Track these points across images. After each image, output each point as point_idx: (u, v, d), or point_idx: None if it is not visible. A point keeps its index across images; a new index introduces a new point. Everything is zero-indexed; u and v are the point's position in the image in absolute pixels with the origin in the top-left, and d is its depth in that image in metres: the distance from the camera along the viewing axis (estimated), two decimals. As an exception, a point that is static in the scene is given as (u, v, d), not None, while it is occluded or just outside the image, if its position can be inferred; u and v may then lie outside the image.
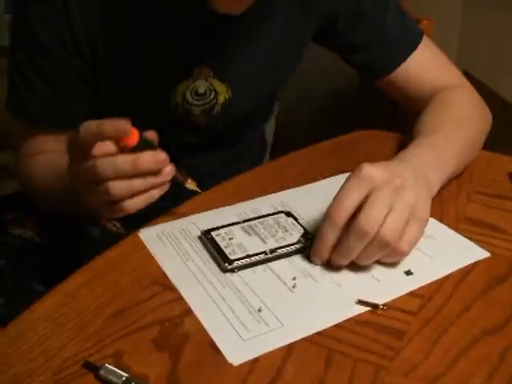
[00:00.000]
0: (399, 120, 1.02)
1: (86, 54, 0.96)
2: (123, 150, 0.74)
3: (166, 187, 0.78)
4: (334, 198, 0.74)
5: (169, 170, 0.76)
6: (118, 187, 0.74)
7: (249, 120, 1.15)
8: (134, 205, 0.77)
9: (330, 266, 0.76)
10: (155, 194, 0.77)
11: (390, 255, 0.74)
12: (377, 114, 1.15)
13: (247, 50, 1.03)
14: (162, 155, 0.75)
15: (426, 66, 1.11)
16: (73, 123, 1.01)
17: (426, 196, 0.78)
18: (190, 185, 0.83)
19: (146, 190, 0.76)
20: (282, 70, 1.14)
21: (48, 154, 1.02)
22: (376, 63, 1.11)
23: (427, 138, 0.93)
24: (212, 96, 1.04)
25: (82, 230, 1.15)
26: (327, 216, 0.74)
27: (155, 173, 0.75)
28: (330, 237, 0.74)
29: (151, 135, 0.78)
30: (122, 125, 0.73)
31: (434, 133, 0.94)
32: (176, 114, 1.03)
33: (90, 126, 0.73)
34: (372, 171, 0.74)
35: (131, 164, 0.73)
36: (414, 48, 1.10)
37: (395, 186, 0.73)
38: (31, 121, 1.03)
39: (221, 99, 1.04)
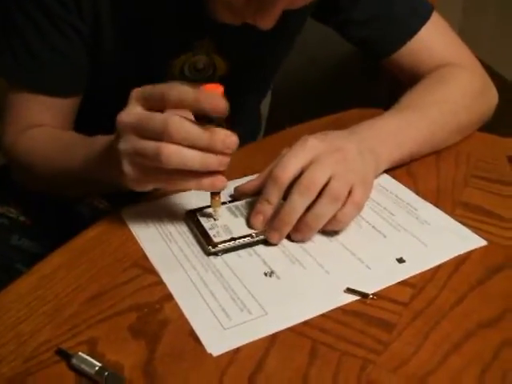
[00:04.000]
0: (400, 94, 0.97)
1: (87, 20, 0.91)
2: None
3: (221, 184, 0.71)
4: (278, 163, 0.74)
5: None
6: (172, 151, 0.66)
7: (244, 99, 1.11)
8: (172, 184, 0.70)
9: (318, 251, 0.73)
10: (206, 183, 0.70)
11: (344, 211, 0.73)
12: (377, 89, 1.10)
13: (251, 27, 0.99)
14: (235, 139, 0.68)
15: (433, 44, 1.04)
16: (72, 91, 0.98)
17: (369, 168, 0.79)
18: (215, 202, 0.76)
19: (196, 175, 0.69)
20: (281, 48, 1.10)
21: (47, 128, 0.96)
22: (379, 40, 1.04)
23: (397, 113, 0.91)
24: (210, 72, 1.00)
25: (69, 207, 1.12)
26: (272, 178, 0.74)
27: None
28: (274, 196, 0.74)
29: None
30: (222, 105, 0.66)
31: (408, 109, 0.91)
32: None
33: (185, 91, 0.66)
34: (316, 142, 0.75)
35: (208, 138, 0.67)
36: (422, 25, 1.02)
37: (337, 158, 0.74)
38: (27, 84, 0.96)
39: (217, 75, 1.00)
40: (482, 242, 0.76)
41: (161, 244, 0.75)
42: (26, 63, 0.94)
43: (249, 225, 0.76)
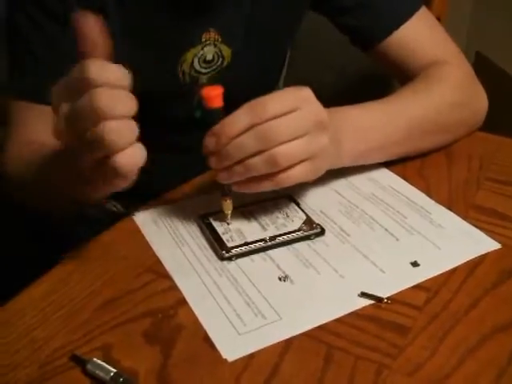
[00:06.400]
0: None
1: None
2: None
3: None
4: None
5: None
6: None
7: (248, 92, 1.11)
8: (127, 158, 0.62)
9: (331, 255, 0.73)
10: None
11: (268, 180, 0.70)
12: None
13: (253, 13, 0.99)
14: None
15: (420, 37, 1.03)
16: None
17: (330, 157, 0.76)
18: (226, 205, 0.76)
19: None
20: (282, 37, 1.10)
21: (37, 146, 0.95)
22: (367, 29, 1.04)
23: (380, 105, 0.89)
24: (219, 62, 1.00)
25: (82, 211, 1.12)
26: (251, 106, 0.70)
27: None
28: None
29: None
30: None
31: (391, 103, 0.90)
32: (184, 85, 0.99)
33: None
34: (319, 108, 0.72)
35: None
36: (408, 16, 1.01)
37: (323, 125, 0.71)
38: (32, 98, 0.93)
39: (225, 64, 1.01)
40: (496, 245, 0.75)
41: (174, 249, 0.75)
42: (37, 77, 0.93)
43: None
